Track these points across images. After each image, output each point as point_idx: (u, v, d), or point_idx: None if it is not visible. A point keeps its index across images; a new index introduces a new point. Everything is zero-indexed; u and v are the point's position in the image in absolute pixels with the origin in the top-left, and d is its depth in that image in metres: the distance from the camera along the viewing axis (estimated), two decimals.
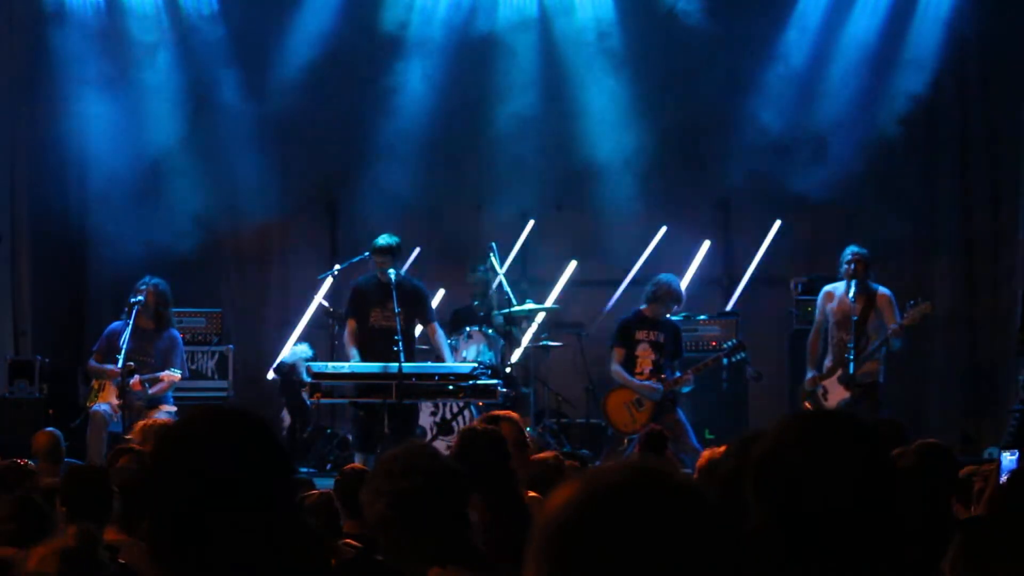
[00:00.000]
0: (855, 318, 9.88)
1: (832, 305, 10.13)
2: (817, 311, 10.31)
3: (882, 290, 10.07)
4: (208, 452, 2.12)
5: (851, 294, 9.95)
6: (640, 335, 10.30)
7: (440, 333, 10.51)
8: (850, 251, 10.11)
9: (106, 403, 10.01)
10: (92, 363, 10.30)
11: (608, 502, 1.61)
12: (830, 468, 2.18)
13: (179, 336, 10.46)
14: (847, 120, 12.15)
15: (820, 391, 9.96)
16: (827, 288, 10.28)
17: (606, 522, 1.59)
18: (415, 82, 12.69)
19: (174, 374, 10.04)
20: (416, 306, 10.17)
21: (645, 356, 10.28)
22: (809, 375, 10.17)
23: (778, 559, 2.16)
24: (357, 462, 8.93)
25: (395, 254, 10.25)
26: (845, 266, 10.03)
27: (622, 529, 1.59)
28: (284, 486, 2.18)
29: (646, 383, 10.17)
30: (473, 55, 12.76)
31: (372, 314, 10.36)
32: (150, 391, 10.03)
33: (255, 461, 2.13)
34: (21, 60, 12.55)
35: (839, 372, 9.99)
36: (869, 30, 12.30)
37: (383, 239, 10.25)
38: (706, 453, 5.30)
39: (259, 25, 12.83)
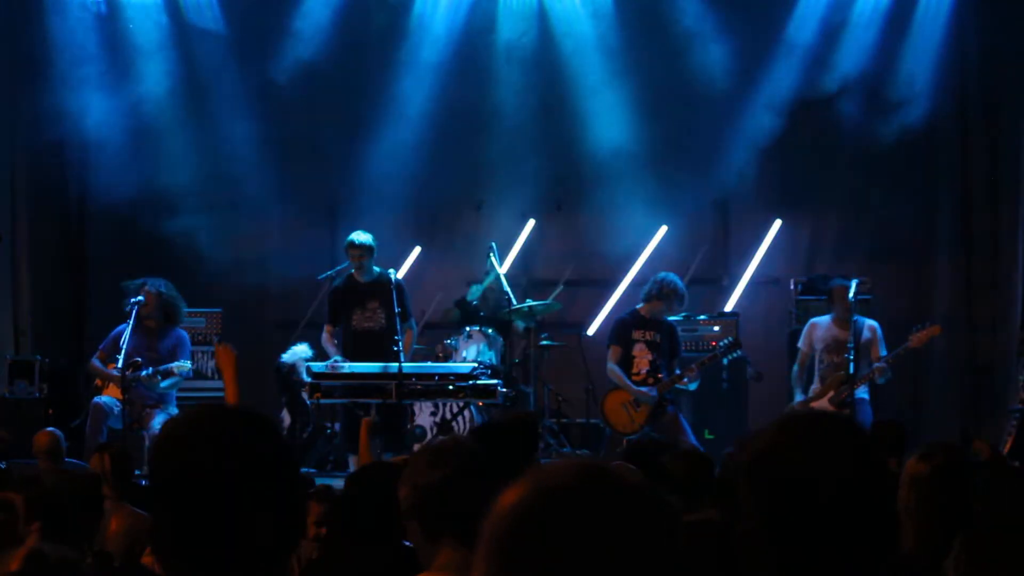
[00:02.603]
0: (850, 345, 9.90)
1: (820, 332, 10.27)
2: (802, 341, 10.40)
3: (869, 322, 10.18)
4: (213, 450, 2.11)
5: (844, 322, 10.08)
6: (636, 335, 10.29)
7: (414, 334, 10.50)
8: (840, 283, 10.17)
9: (109, 396, 10.02)
10: (95, 361, 10.30)
11: (555, 501, 1.60)
12: (825, 468, 2.18)
13: (186, 336, 10.48)
14: (846, 120, 12.14)
15: None
16: (814, 320, 10.48)
17: (553, 521, 1.58)
18: (415, 82, 12.69)
19: (184, 364, 10.05)
20: (401, 304, 10.11)
21: (642, 356, 10.27)
22: (799, 398, 10.20)
23: (772, 560, 2.16)
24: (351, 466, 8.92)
25: (372, 251, 10.21)
26: (841, 300, 10.09)
27: (569, 528, 1.58)
28: (289, 485, 2.18)
29: (641, 388, 10.14)
30: (473, 56, 12.76)
31: (353, 317, 10.32)
32: (163, 384, 10.04)
33: (261, 459, 2.12)
34: (21, 63, 12.54)
35: (830, 394, 10.02)
36: (869, 32, 12.30)
37: (360, 236, 10.21)
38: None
39: (259, 26, 12.83)
